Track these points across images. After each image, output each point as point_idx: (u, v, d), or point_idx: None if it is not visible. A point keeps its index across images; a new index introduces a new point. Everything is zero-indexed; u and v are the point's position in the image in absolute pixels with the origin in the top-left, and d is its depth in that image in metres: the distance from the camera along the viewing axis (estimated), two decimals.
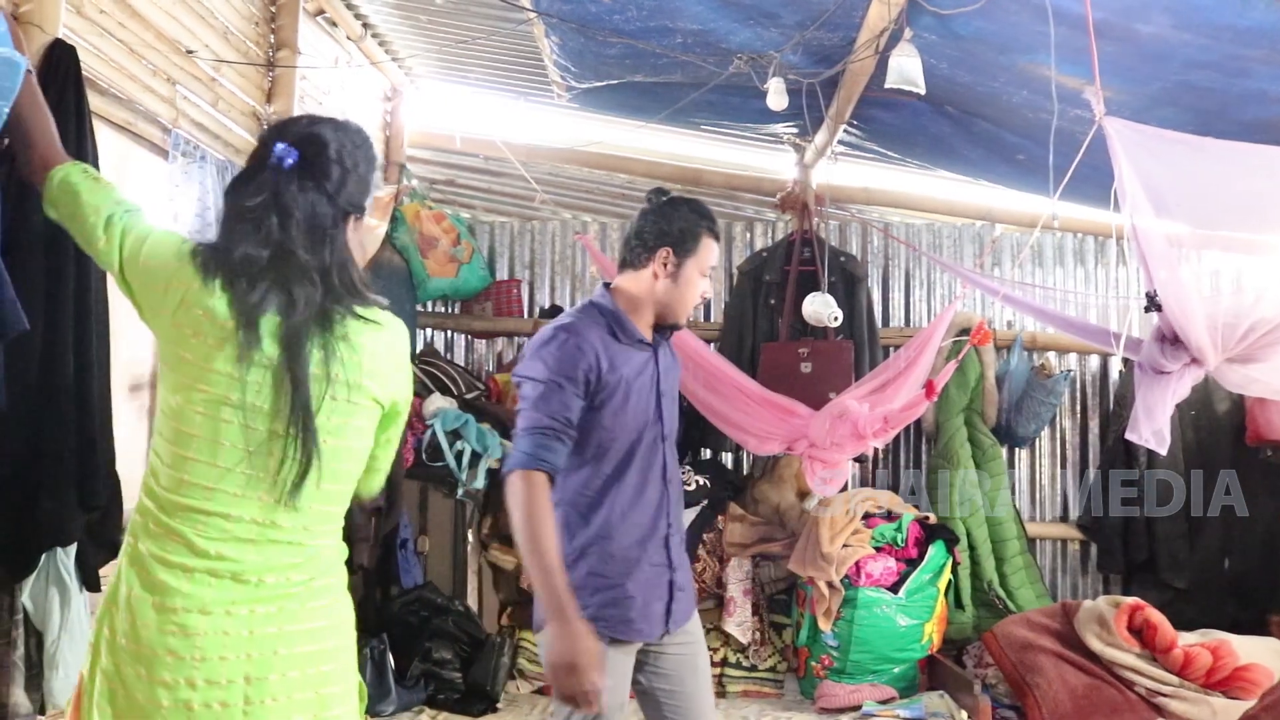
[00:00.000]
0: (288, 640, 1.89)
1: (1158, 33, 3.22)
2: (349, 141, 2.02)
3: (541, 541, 2.44)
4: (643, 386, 2.69)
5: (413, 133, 6.25)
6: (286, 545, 1.91)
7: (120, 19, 3.51)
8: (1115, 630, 4.45)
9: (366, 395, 1.96)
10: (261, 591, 1.88)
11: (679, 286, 2.70)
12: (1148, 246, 3.10)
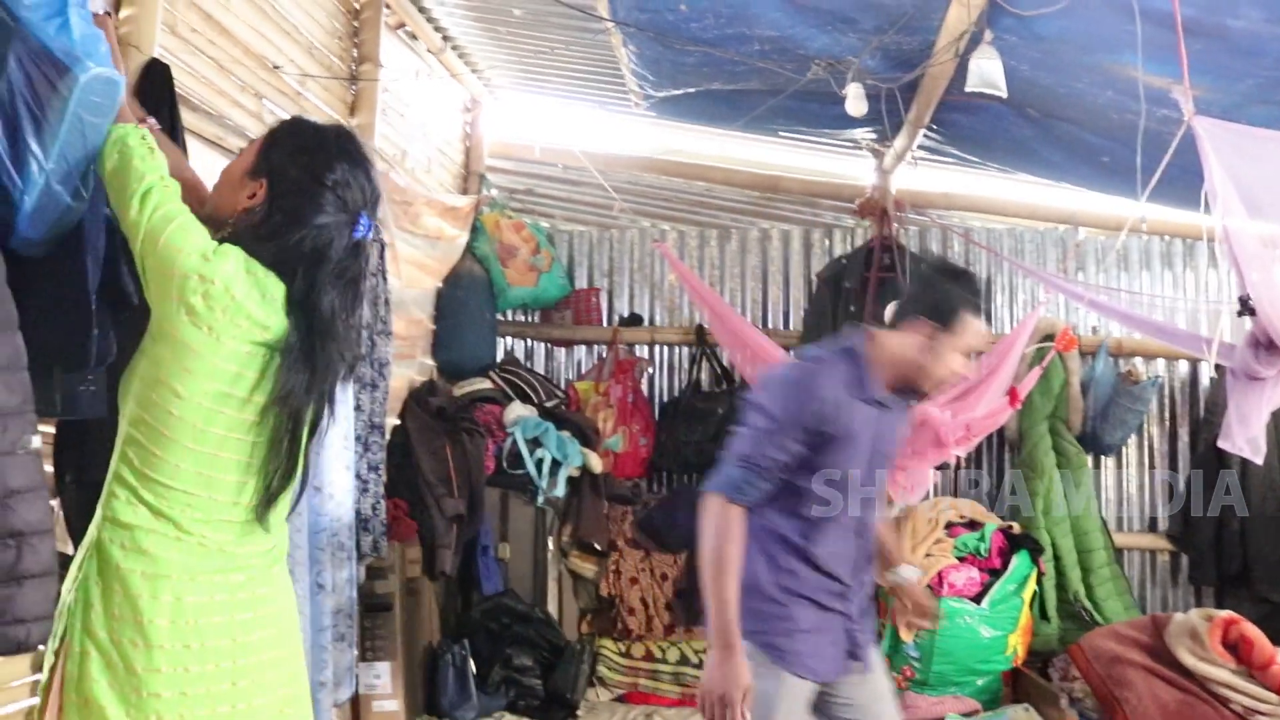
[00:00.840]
0: (261, 601, 2.11)
1: (1249, 28, 3.14)
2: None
3: (725, 573, 2.55)
4: (863, 444, 2.71)
5: (492, 143, 6.32)
6: (262, 532, 2.14)
7: (211, 37, 3.60)
8: (1209, 645, 4.33)
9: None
10: (236, 561, 2.09)
11: (932, 359, 2.70)
12: (1240, 249, 3.02)
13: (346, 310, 2.13)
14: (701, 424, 5.78)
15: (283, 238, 2.06)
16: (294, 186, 2.09)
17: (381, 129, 4.76)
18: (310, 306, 2.06)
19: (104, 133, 2.13)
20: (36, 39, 2.04)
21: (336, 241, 2.09)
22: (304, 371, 2.06)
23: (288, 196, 2.08)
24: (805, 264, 6.29)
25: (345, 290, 2.12)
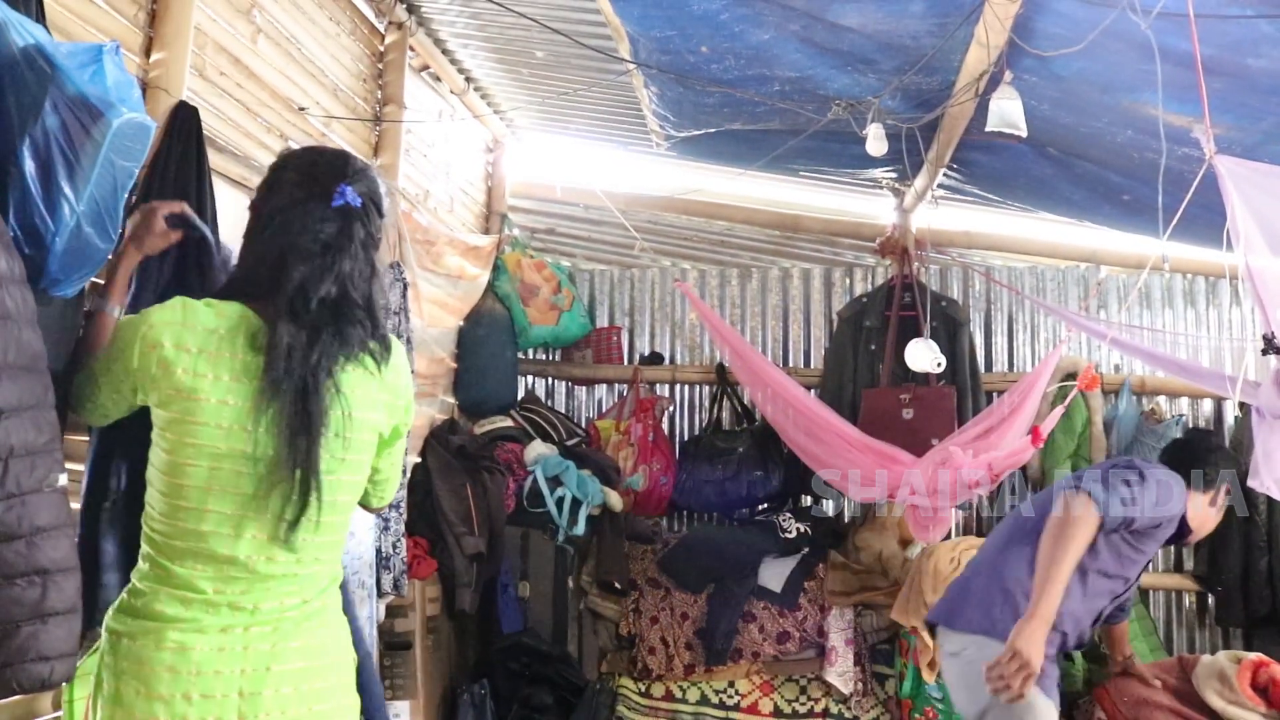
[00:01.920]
0: (281, 656, 1.96)
1: (1270, 66, 3.14)
2: (381, 184, 2.11)
3: (1068, 560, 3.04)
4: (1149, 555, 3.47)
5: (514, 183, 6.37)
6: (281, 578, 1.99)
7: (238, 80, 3.66)
8: (1238, 688, 4.26)
9: (368, 428, 2.03)
10: (256, 616, 1.97)
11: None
12: (1264, 287, 3.01)
13: (323, 280, 2.00)
14: (722, 462, 5.77)
15: (253, 243, 2.06)
16: (259, 194, 2.11)
17: (405, 169, 4.81)
18: (280, 290, 1.98)
19: (134, 175, 2.16)
20: (73, 85, 2.08)
21: (300, 218, 2.02)
22: (287, 372, 1.94)
23: (257, 205, 2.10)
24: (826, 303, 6.30)
25: (323, 260, 2.00)
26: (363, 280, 2.02)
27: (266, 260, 2.02)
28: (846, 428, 5.13)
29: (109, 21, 3.01)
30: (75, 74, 2.10)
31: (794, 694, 5.22)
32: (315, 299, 1.97)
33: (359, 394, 2.01)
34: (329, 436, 1.98)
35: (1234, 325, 5.98)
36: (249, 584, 1.99)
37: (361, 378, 2.00)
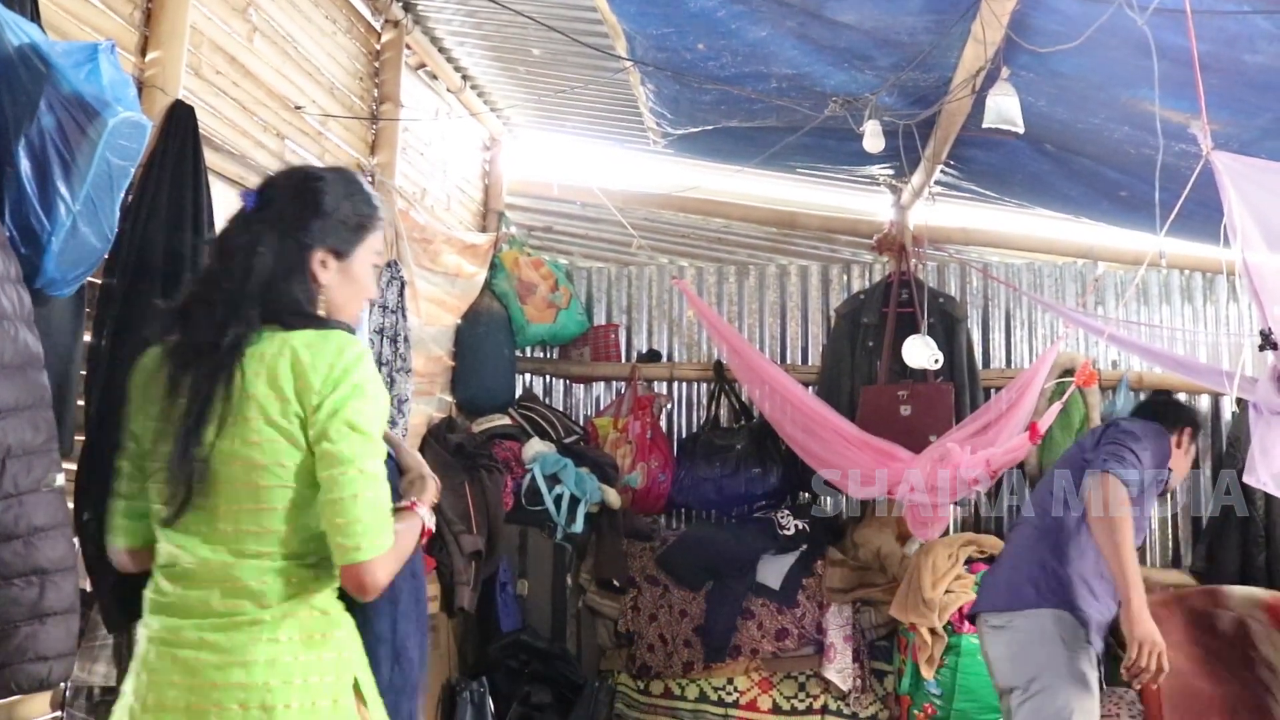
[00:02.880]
0: (218, 669, 1.80)
1: (1266, 63, 3.14)
2: (311, 184, 2.00)
3: (1129, 544, 3.15)
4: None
5: (511, 181, 6.37)
6: (204, 578, 1.85)
7: (234, 79, 3.66)
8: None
9: (256, 408, 1.83)
10: (190, 620, 1.84)
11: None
12: (1261, 282, 3.00)
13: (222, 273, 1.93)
14: (720, 460, 5.77)
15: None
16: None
17: (401, 167, 4.81)
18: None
19: (129, 175, 2.16)
20: (68, 84, 2.08)
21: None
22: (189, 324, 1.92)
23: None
24: (823, 300, 6.30)
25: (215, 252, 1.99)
26: (243, 270, 1.94)
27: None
28: (845, 425, 5.13)
29: (104, 20, 3.01)
30: (70, 73, 2.10)
31: (793, 691, 5.22)
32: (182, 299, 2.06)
33: (251, 377, 1.92)
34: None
35: (1231, 321, 5.98)
36: (180, 582, 1.96)
37: (253, 365, 1.90)
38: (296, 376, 1.81)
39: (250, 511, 1.84)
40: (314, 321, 1.91)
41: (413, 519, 1.97)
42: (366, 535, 1.78)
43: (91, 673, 2.87)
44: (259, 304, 1.87)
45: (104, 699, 2.93)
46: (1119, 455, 3.30)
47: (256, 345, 1.85)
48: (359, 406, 1.82)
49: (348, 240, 1.99)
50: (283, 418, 1.82)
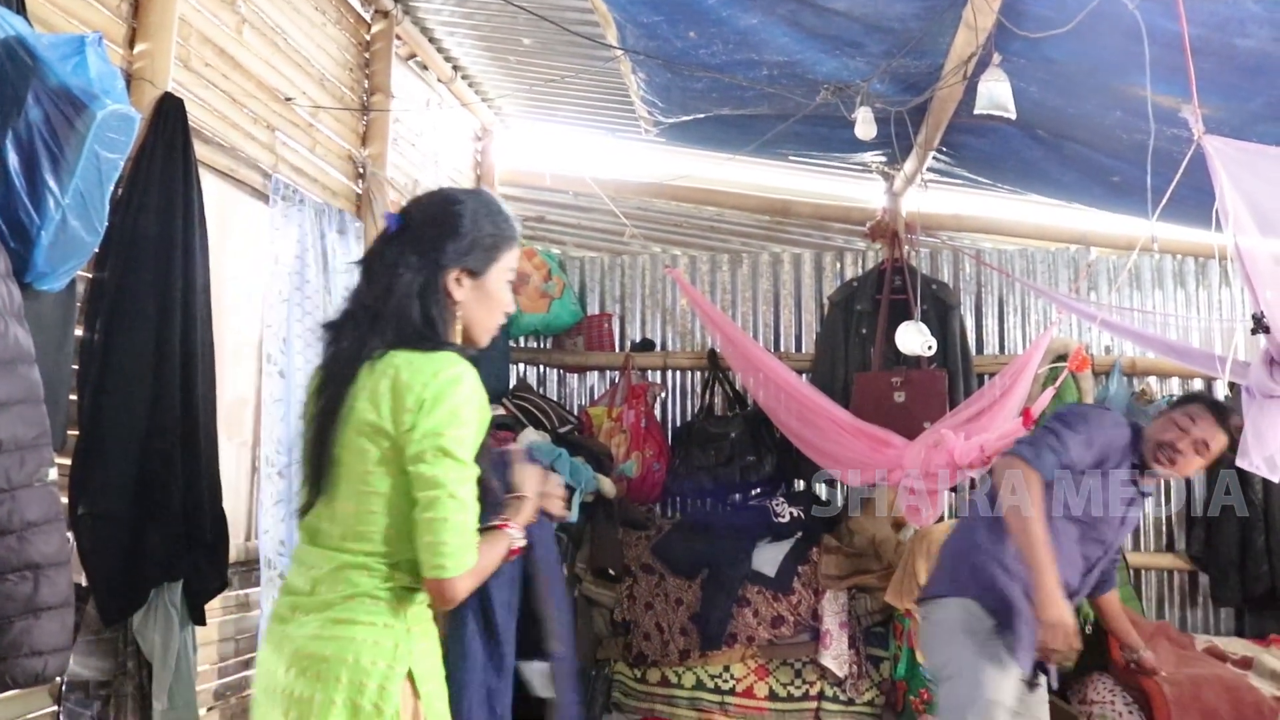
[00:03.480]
0: (303, 643, 1.97)
1: (1258, 47, 3.14)
2: (448, 207, 2.10)
3: (1035, 523, 3.13)
4: (1116, 504, 3.34)
5: (503, 171, 6.36)
6: (320, 564, 2.02)
7: (224, 71, 3.64)
8: None
9: (367, 424, 1.97)
10: (298, 601, 2.02)
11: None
12: (1253, 266, 3.01)
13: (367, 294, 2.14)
14: (714, 448, 5.78)
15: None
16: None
17: (393, 159, 4.80)
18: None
19: (119, 168, 2.15)
20: (55, 77, 2.07)
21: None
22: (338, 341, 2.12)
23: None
24: (817, 287, 6.30)
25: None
26: (385, 291, 2.09)
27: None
28: (839, 412, 5.14)
29: (91, 13, 2.99)
30: (57, 66, 2.08)
31: (789, 678, 5.23)
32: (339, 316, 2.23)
33: (372, 394, 2.04)
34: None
35: (1224, 306, 5.99)
36: (298, 570, 2.14)
37: (373, 382, 2.02)
38: (393, 395, 1.95)
39: (351, 513, 2.00)
40: (427, 342, 2.01)
41: (501, 539, 2.11)
42: (451, 556, 1.93)
43: (87, 667, 2.87)
44: (395, 320, 2.01)
45: (100, 693, 2.93)
46: (1035, 439, 3.32)
47: (375, 361, 1.99)
48: (454, 434, 1.93)
49: (482, 260, 2.09)
50: (377, 433, 1.96)
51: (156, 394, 2.98)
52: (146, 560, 2.95)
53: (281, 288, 3.75)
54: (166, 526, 2.99)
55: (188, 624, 3.15)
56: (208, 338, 3.23)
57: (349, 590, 1.98)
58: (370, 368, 1.99)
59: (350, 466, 1.99)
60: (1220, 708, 4.41)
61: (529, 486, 2.28)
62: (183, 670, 3.10)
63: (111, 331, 2.89)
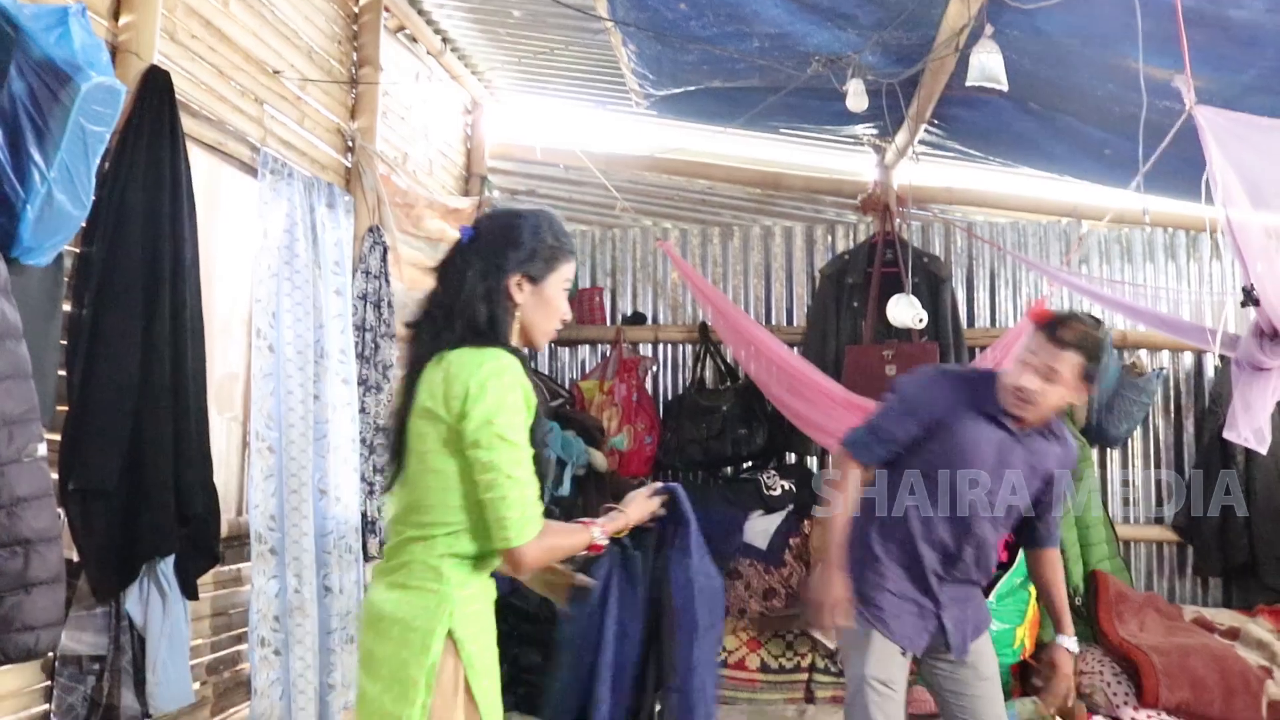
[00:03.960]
0: (371, 604, 2.25)
1: (1251, 18, 3.13)
2: (511, 220, 2.36)
3: (835, 508, 3.13)
4: (979, 456, 3.04)
5: (493, 145, 6.32)
6: (393, 535, 2.29)
7: (211, 43, 3.61)
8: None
9: (426, 410, 2.22)
10: (378, 567, 2.30)
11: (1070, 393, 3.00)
12: (1244, 239, 3.01)
13: (439, 296, 2.39)
14: (706, 421, 5.78)
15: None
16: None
17: (382, 132, 4.77)
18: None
19: (105, 141, 2.14)
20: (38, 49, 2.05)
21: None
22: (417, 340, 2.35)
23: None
24: (808, 260, 6.30)
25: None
26: (456, 293, 2.31)
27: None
28: (830, 385, 5.15)
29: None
30: (40, 37, 2.06)
31: (780, 650, 5.26)
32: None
33: (432, 385, 2.25)
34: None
35: (1214, 279, 6.00)
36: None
37: (435, 374, 2.24)
38: (445, 385, 2.19)
39: (413, 490, 2.25)
40: (483, 339, 2.24)
41: (582, 531, 2.40)
42: (513, 528, 2.15)
43: (80, 642, 2.87)
44: (463, 319, 2.25)
45: (93, 668, 2.93)
46: (867, 420, 3.25)
47: (439, 357, 2.23)
48: (505, 420, 2.16)
49: (541, 269, 2.33)
50: (434, 419, 2.20)
51: (146, 369, 2.97)
52: (137, 535, 2.95)
53: (270, 262, 3.73)
54: (157, 501, 2.99)
55: (180, 598, 3.15)
56: (197, 312, 3.21)
57: (407, 558, 2.22)
58: (435, 362, 2.23)
59: (414, 450, 2.23)
60: (1208, 677, 4.46)
61: (633, 507, 2.56)
62: (175, 645, 3.11)
63: (100, 306, 2.87)
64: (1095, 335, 2.97)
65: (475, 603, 2.27)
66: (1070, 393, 2.98)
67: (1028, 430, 3.05)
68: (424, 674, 2.13)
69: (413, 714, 2.12)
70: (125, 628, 2.97)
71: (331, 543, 3.91)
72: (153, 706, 3.02)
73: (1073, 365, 2.93)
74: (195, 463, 3.14)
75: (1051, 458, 3.10)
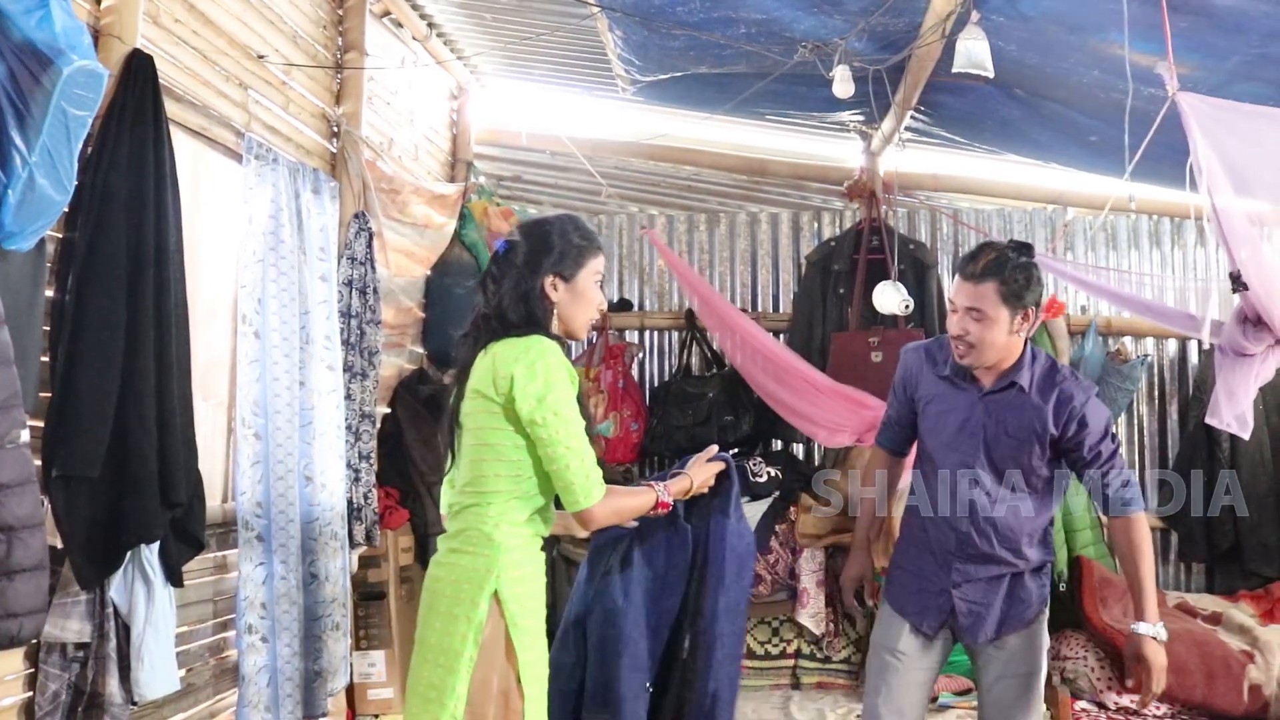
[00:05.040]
0: (431, 569, 2.52)
1: (1235, 5, 3.14)
2: (541, 228, 2.62)
3: (864, 491, 3.38)
4: (948, 423, 3.05)
5: (479, 130, 6.30)
6: (450, 509, 2.57)
7: (194, 27, 3.58)
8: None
9: (475, 393, 2.49)
10: (441, 539, 2.56)
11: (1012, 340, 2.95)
12: (1228, 226, 3.02)
13: (486, 299, 2.66)
14: (692, 408, 5.79)
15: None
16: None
17: (368, 117, 4.74)
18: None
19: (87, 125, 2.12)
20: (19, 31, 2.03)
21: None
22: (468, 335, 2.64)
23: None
24: (794, 247, 6.30)
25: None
26: (496, 294, 2.59)
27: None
28: (814, 374, 5.16)
29: None
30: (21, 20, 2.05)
31: (766, 636, 5.28)
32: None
33: (480, 372, 2.53)
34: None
35: (1199, 265, 6.03)
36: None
37: (484, 363, 2.51)
38: (493, 368, 2.44)
39: (467, 465, 2.51)
40: (523, 329, 2.50)
41: (647, 492, 2.67)
42: (579, 491, 2.43)
43: (64, 629, 2.86)
44: (503, 319, 2.53)
45: (77, 655, 2.92)
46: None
47: (486, 350, 2.49)
48: (555, 396, 2.41)
49: (571, 267, 2.58)
50: (483, 399, 2.45)
51: (130, 355, 2.95)
52: (122, 522, 2.93)
53: (256, 248, 3.71)
54: (142, 488, 2.97)
55: (165, 586, 3.14)
56: (181, 298, 3.19)
57: (462, 525, 2.48)
58: (483, 355, 2.50)
59: (468, 429, 2.50)
60: (1190, 661, 4.49)
61: (696, 470, 2.87)
62: (160, 632, 3.10)
63: (83, 292, 2.86)
64: (1005, 255, 2.89)
65: (524, 566, 2.48)
66: (1006, 323, 2.87)
67: (993, 387, 2.97)
68: (472, 630, 2.37)
69: (459, 670, 2.36)
70: (110, 615, 2.96)
71: (318, 529, 3.91)
72: (138, 694, 3.01)
73: (993, 294, 2.85)
74: (180, 449, 3.13)
75: (1027, 411, 2.94)
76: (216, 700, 3.79)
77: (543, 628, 2.56)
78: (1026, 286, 2.89)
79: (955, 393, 3.05)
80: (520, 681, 2.41)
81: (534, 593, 2.52)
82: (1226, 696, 4.46)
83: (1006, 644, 3.07)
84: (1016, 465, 2.98)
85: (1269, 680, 4.48)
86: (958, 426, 3.02)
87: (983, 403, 2.99)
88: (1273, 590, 5.25)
